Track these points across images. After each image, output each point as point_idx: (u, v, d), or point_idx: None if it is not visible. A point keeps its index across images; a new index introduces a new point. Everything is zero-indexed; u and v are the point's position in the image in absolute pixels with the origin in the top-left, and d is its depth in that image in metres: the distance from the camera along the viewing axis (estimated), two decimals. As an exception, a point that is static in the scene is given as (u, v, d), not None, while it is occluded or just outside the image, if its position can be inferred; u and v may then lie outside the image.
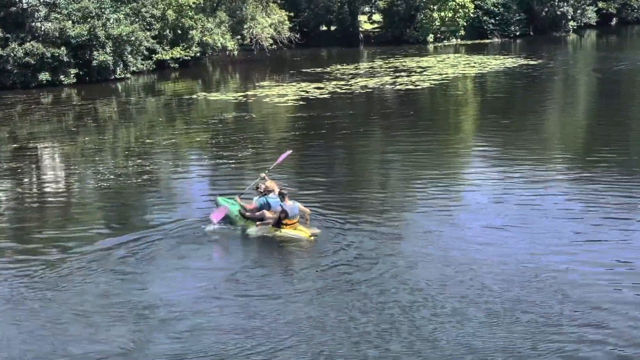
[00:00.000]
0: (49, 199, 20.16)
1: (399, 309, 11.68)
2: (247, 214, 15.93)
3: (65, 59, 45.53)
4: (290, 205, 15.49)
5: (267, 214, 15.68)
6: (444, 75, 44.21)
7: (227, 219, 16.21)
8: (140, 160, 24.07)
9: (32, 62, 44.91)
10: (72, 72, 46.31)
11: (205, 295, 12.54)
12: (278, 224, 15.47)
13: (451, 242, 14.58)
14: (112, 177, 21.91)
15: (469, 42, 70.44)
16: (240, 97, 38.90)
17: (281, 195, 15.54)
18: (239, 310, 11.87)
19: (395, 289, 12.42)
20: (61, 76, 45.99)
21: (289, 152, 18.12)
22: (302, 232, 15.33)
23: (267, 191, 15.94)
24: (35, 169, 24.41)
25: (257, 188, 16.44)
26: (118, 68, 48.02)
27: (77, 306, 12.26)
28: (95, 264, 14.16)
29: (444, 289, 12.36)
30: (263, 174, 16.68)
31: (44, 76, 45.40)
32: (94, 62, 46.36)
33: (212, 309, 11.98)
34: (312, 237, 15.09)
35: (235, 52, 59.04)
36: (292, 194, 16.37)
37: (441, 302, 11.86)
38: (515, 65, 48.87)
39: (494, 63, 50.42)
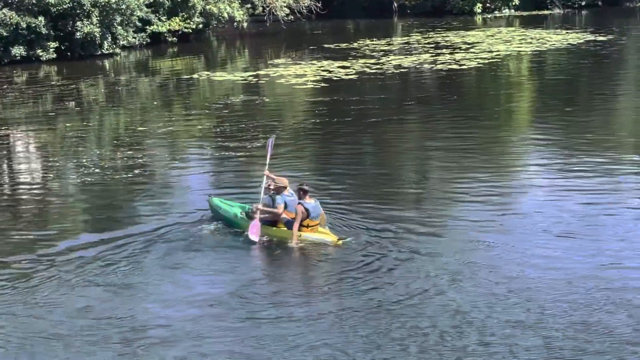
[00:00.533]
0: (22, 196, 20.18)
1: (438, 336, 11.47)
2: (262, 216, 15.76)
3: (44, 30, 45.68)
4: (313, 203, 15.43)
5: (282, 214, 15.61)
6: (495, 53, 43.95)
7: (224, 222, 16.23)
8: (130, 152, 24.05)
9: (5, 33, 45.08)
10: (51, 46, 46.47)
11: (203, 314, 12.42)
12: (289, 224, 15.46)
13: (502, 254, 14.39)
14: (97, 170, 21.89)
15: (525, 13, 70.04)
16: (250, 78, 38.87)
17: (302, 192, 15.46)
18: (243, 334, 11.71)
19: (435, 311, 12.23)
20: (38, 51, 46.16)
21: (273, 137, 17.87)
22: (328, 236, 15.28)
23: (280, 188, 15.80)
24: (6, 160, 24.45)
25: (268, 186, 16.33)
26: (105, 42, 48.14)
27: (49, 326, 12.15)
28: (73, 274, 14.10)
29: (493, 312, 12.15)
30: (265, 172, 16.46)
31: (18, 51, 45.58)
32: (77, 35, 46.47)
33: (212, 331, 11.84)
34: (341, 242, 15.01)
35: (245, 24, 58.99)
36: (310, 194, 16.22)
37: (490, 328, 11.64)
38: (580, 41, 48.51)
39: (555, 39, 50.09)
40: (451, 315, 12.05)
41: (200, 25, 55.47)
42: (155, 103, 34.40)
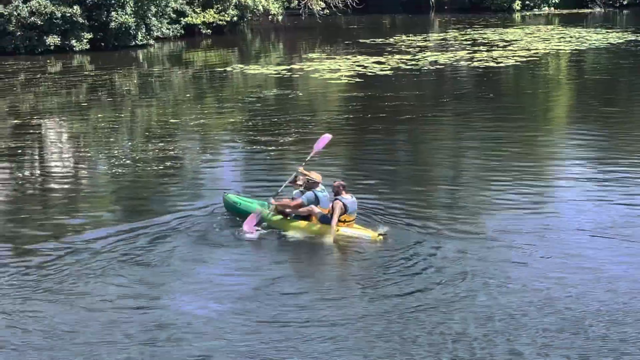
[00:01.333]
0: (53, 186, 20.26)
1: (467, 344, 11.19)
2: (289, 211, 15.77)
3: (79, 20, 45.94)
4: (350, 199, 15.43)
5: (316, 210, 15.57)
6: (533, 51, 43.68)
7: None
8: (162, 144, 24.10)
9: (39, 23, 45.43)
10: (85, 36, 46.76)
11: (228, 310, 12.27)
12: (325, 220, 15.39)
13: (539, 256, 14.16)
14: (128, 162, 21.96)
15: (565, 11, 69.55)
16: (284, 72, 38.86)
17: (341, 187, 15.44)
18: (267, 333, 11.57)
19: (466, 317, 11.97)
20: (73, 41, 46.46)
21: (328, 136, 17.66)
22: (365, 231, 15.25)
23: (313, 183, 15.76)
24: (38, 150, 24.59)
25: (295, 181, 16.27)
26: (140, 33, 48.34)
27: (69, 320, 12.09)
28: (99, 265, 14.09)
29: (527, 320, 11.81)
30: (300, 168, 16.40)
31: (53, 40, 45.91)
32: (112, 25, 46.71)
33: (236, 328, 11.70)
34: (381, 237, 14.98)
35: (280, 17, 59.06)
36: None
37: (524, 337, 11.31)
38: (621, 41, 48.08)
39: (595, 38, 49.68)
40: (483, 322, 11.74)
41: (235, 18, 55.59)
42: (187, 95, 34.49)
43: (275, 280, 13.47)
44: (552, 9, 70.05)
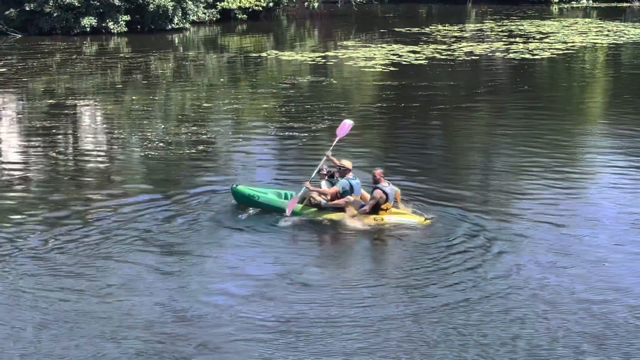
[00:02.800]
0: (86, 166, 20.41)
1: (498, 343, 11.16)
2: (324, 200, 15.66)
3: (116, 2, 46.13)
4: (389, 187, 15.50)
5: (352, 199, 15.55)
6: (570, 44, 43.31)
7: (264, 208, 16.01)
8: (195, 127, 24.17)
9: (76, 4, 45.68)
10: (122, 18, 46.91)
11: (251, 300, 12.26)
12: (375, 210, 15.37)
13: (575, 250, 14.03)
14: (161, 144, 22.04)
15: (603, 4, 68.85)
16: (319, 59, 38.80)
17: (380, 176, 15.46)
18: (291, 324, 11.53)
19: (498, 315, 11.85)
20: (109, 23, 46.66)
21: (350, 122, 17.49)
22: (411, 216, 15.36)
23: (345, 170, 15.70)
24: (72, 130, 24.76)
25: (320, 172, 16.12)
26: (176, 16, 48.43)
27: (89, 301, 12.14)
28: (127, 248, 14.19)
29: (564, 322, 11.59)
30: (328, 152, 16.33)
31: (89, 22, 46.15)
32: (150, 7, 46.83)
33: (266, 319, 11.61)
34: (428, 221, 15.13)
35: (316, 4, 59.01)
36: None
37: (561, 339, 11.21)
38: (660, 36, 47.56)
39: (633, 32, 49.15)
40: (517, 319, 11.59)
41: (271, 4, 55.57)
42: (222, 80, 34.55)
43: (306, 272, 13.40)
44: (591, 1, 69.45)
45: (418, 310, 11.86)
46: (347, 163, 15.80)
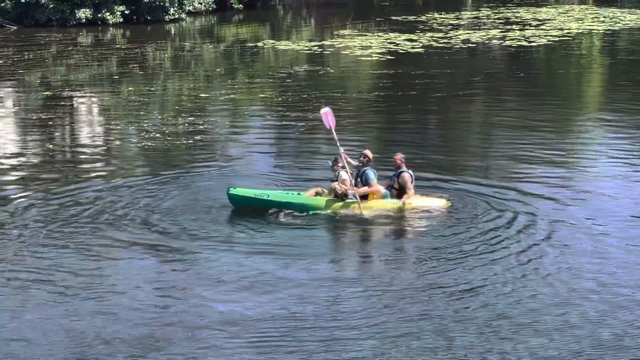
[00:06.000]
0: (83, 157, 20.37)
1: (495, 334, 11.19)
2: (351, 191, 15.48)
3: (111, -7, 46.01)
4: (409, 170, 15.72)
5: (382, 189, 15.58)
6: (566, 31, 43.22)
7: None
8: (192, 118, 24.13)
9: (72, -5, 45.50)
10: (118, 9, 46.77)
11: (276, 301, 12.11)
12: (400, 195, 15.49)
13: (579, 246, 13.88)
14: (158, 135, 21.99)
15: (599, -9, 68.69)
16: (315, 48, 38.72)
17: (403, 160, 15.64)
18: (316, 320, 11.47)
19: (507, 305, 11.88)
20: (105, 14, 46.51)
21: (327, 109, 16.98)
22: (435, 199, 15.67)
23: (369, 160, 15.68)
24: (69, 122, 24.71)
25: (336, 163, 15.90)
26: (172, 7, 48.29)
27: (78, 297, 11.98)
28: (125, 245, 14.02)
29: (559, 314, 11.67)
30: (340, 150, 16.03)
31: (85, 13, 46.00)
32: (145, -1, 46.71)
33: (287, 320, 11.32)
34: (449, 202, 15.58)
35: (312, -7, 58.81)
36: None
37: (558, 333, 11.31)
38: (656, 21, 47.49)
39: (629, 18, 49.05)
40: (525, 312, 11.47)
41: (267, -7, 55.44)
42: (218, 70, 34.47)
43: (349, 264, 13.48)
44: (587, -12, 69.25)
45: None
46: (368, 153, 15.72)
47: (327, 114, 16.74)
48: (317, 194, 15.64)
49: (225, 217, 15.32)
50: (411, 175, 15.55)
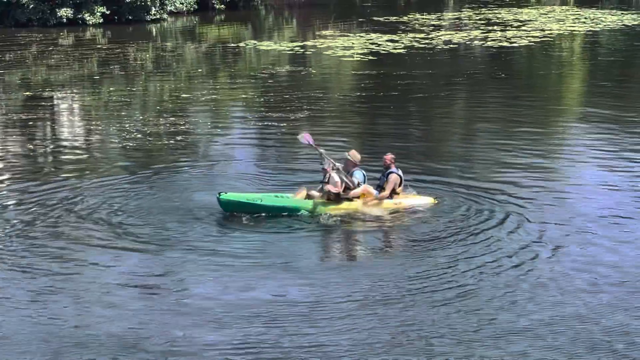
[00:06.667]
0: (64, 158, 20.27)
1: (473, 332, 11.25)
2: (337, 192, 15.48)
3: (92, -7, 45.81)
4: (399, 170, 15.78)
5: (368, 187, 15.65)
6: (547, 32, 43.35)
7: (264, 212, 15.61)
8: (173, 118, 24.06)
9: (53, -5, 45.28)
10: (99, 9, 46.58)
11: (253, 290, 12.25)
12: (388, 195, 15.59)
13: (561, 247, 13.95)
14: (139, 136, 21.92)
15: (580, -8, 68.95)
16: (297, 48, 38.68)
17: (393, 160, 15.68)
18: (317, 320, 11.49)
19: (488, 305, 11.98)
20: (86, 14, 46.30)
21: (304, 134, 16.61)
22: (422, 198, 15.80)
23: (356, 163, 15.68)
24: (49, 122, 24.57)
25: (325, 167, 15.80)
26: (154, 7, 48.14)
27: (57, 302, 11.90)
28: (101, 246, 13.94)
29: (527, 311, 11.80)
30: (330, 162, 15.95)
31: (65, 13, 45.77)
32: (126, -1, 46.54)
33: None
34: (437, 201, 15.77)
35: (294, -6, 58.74)
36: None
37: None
38: (636, 23, 47.65)
39: (609, 19, 49.25)
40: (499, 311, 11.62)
41: (249, -6, 55.33)
42: (200, 70, 34.37)
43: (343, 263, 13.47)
44: (568, -11, 69.50)
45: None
46: (356, 156, 15.70)
47: (305, 137, 16.47)
48: (308, 196, 15.57)
49: (206, 218, 15.23)
50: (400, 177, 15.60)
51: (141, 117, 24.49)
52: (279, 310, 11.48)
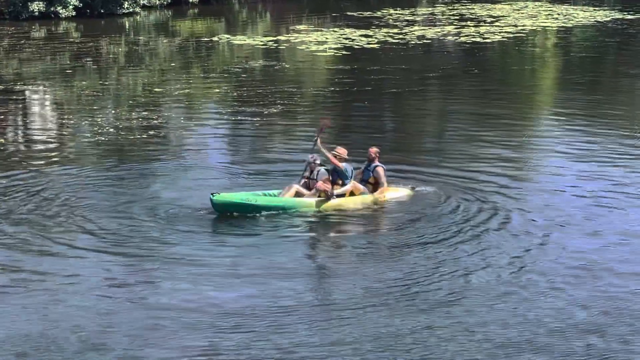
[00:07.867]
0: (36, 153, 20.11)
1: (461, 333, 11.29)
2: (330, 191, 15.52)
3: (64, -14, 45.51)
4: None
5: (357, 184, 15.74)
6: (520, 28, 43.51)
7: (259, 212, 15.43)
8: (146, 113, 23.95)
9: (24, -12, 44.93)
10: (71, 2, 46.27)
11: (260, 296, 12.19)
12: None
13: (535, 241, 14.05)
14: (111, 130, 21.82)
15: (552, -12, 69.30)
16: (270, 43, 38.61)
17: (378, 154, 15.81)
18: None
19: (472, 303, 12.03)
20: (58, 7, 45.97)
21: (325, 122, 16.87)
22: (401, 190, 16.09)
23: (344, 159, 15.68)
24: (21, 117, 24.41)
25: (312, 163, 15.76)
26: (126, 1, 47.89)
27: (33, 297, 11.83)
28: (71, 243, 13.84)
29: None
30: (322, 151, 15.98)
31: (37, 6, 45.42)
32: (98, -8, 46.27)
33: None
34: (413, 189, 16.11)
35: (268, -12, 58.60)
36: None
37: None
38: (608, 19, 47.92)
39: (582, 15, 49.52)
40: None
41: (222, -12, 55.16)
42: (173, 64, 34.23)
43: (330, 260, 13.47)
44: (540, -15, 69.80)
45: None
46: (343, 152, 15.66)
47: (324, 122, 16.73)
48: (297, 193, 15.48)
49: (181, 213, 15.18)
50: (384, 169, 15.76)
51: (114, 111, 24.38)
52: (258, 314, 11.34)
